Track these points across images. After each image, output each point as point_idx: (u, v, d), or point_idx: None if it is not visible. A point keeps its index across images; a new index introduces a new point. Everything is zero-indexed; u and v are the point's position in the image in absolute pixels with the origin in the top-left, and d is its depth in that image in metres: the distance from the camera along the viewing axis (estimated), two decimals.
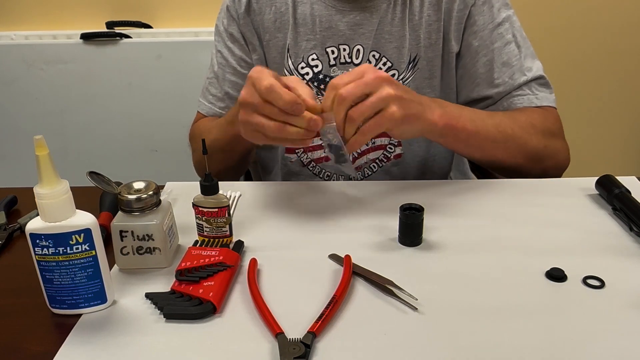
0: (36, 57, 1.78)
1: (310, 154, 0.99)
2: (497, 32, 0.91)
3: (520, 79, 0.90)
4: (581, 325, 0.55)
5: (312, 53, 0.93)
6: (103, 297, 0.58)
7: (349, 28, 0.91)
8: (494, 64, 0.91)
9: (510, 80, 0.90)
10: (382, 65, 0.93)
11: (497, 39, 0.91)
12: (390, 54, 0.92)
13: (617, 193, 0.75)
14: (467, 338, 0.53)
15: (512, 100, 0.91)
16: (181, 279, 0.60)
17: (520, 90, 0.91)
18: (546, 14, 1.79)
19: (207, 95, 1.04)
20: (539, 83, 0.92)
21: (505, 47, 0.91)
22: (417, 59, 0.93)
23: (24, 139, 1.87)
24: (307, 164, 1.00)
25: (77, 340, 0.54)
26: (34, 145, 0.50)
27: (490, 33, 0.91)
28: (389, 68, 0.93)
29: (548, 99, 0.92)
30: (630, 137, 2.01)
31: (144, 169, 1.88)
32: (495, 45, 0.91)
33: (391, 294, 0.59)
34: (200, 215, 0.67)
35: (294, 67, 0.95)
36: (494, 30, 0.91)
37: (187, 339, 0.54)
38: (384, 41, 0.92)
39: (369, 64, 0.80)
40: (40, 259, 0.55)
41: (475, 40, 0.91)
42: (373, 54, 0.92)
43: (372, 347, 0.52)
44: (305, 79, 0.95)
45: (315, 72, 0.94)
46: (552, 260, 0.64)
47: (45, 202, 0.52)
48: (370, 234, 0.71)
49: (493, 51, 0.91)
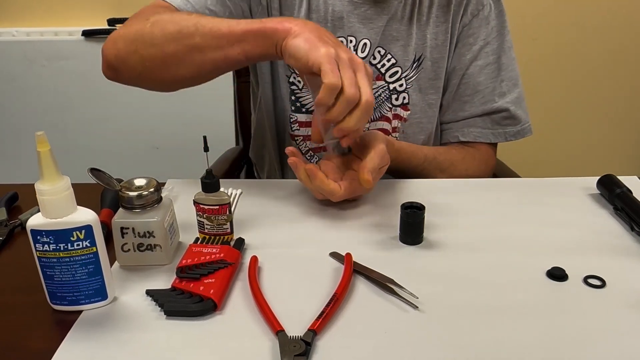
0: (37, 53, 1.78)
1: (309, 142, 0.99)
2: (483, 51, 0.93)
3: (486, 105, 0.94)
4: (582, 324, 0.55)
5: None
6: (104, 294, 0.58)
7: (359, 21, 0.91)
8: (470, 83, 0.94)
9: (478, 106, 0.95)
10: (386, 61, 0.93)
11: (481, 57, 0.94)
12: (396, 52, 0.92)
13: (618, 193, 0.74)
14: (467, 337, 0.53)
15: (469, 130, 0.96)
16: (182, 276, 0.60)
17: (480, 120, 0.95)
18: (551, 14, 1.79)
19: None
20: (501, 117, 0.95)
21: (485, 67, 0.94)
22: (422, 58, 0.93)
23: (25, 135, 1.87)
24: (305, 153, 1.00)
25: (77, 337, 0.54)
26: (35, 142, 0.50)
27: (479, 50, 0.93)
28: (392, 65, 0.93)
29: (497, 136, 0.96)
30: (632, 136, 2.01)
31: (144, 166, 1.88)
32: (478, 63, 0.94)
33: (392, 292, 0.59)
34: (201, 212, 0.67)
35: None
36: (482, 49, 0.93)
37: (188, 336, 0.54)
38: (391, 38, 0.92)
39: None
40: (41, 256, 0.54)
41: (468, 53, 0.94)
42: (378, 49, 0.92)
43: (372, 345, 0.52)
44: None
45: None
46: (553, 259, 0.64)
47: (47, 198, 0.52)
48: (371, 232, 0.71)
49: (475, 67, 0.94)
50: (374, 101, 0.66)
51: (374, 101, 0.65)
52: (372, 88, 0.66)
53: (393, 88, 0.95)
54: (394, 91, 0.95)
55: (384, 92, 0.95)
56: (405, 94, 0.96)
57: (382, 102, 0.96)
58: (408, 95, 0.96)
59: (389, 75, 0.94)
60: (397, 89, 0.95)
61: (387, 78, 0.94)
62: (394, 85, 0.95)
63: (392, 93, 0.95)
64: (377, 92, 0.95)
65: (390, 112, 0.97)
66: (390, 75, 0.94)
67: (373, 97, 0.65)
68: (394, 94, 0.96)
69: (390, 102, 0.96)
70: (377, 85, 0.95)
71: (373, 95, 0.66)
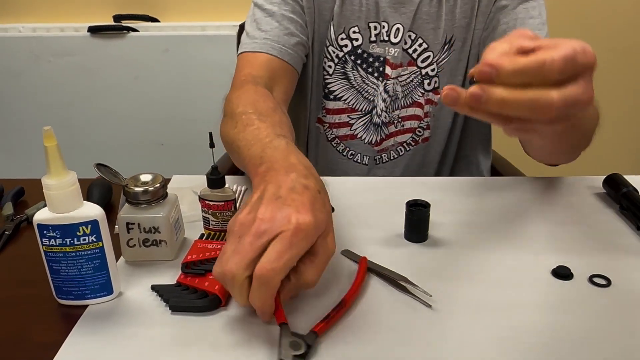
0: (44, 49, 1.79)
1: (336, 130, 1.00)
2: (522, 7, 0.88)
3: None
4: (587, 323, 0.54)
5: (354, 25, 0.92)
6: (109, 289, 0.58)
7: (390, 6, 0.91)
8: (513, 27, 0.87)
9: None
10: (417, 46, 0.93)
11: (521, 12, 0.88)
12: (427, 35, 0.92)
13: (624, 192, 0.74)
14: (472, 334, 0.53)
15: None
16: (187, 272, 0.60)
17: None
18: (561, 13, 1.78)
19: (254, 31, 0.89)
20: None
21: (528, 19, 0.88)
22: (453, 40, 0.92)
23: (31, 131, 1.88)
24: (332, 140, 1.01)
25: (83, 331, 0.55)
26: (41, 137, 0.50)
27: (516, 7, 0.88)
28: (424, 50, 0.93)
29: None
30: (639, 135, 2.00)
31: (150, 162, 1.89)
32: (519, 16, 0.88)
33: (404, 290, 0.59)
34: (207, 208, 0.67)
35: (335, 37, 0.94)
36: (519, 5, 0.88)
37: (193, 331, 0.54)
38: (421, 22, 0.91)
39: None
40: (47, 250, 0.55)
41: (503, 17, 0.89)
42: (409, 34, 0.92)
43: (378, 344, 0.52)
44: (343, 52, 0.95)
45: (354, 46, 0.94)
46: (558, 258, 0.64)
47: (53, 193, 0.52)
48: (376, 229, 0.71)
49: (516, 20, 0.88)
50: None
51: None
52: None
53: (425, 73, 0.95)
54: (425, 76, 0.95)
55: (417, 78, 0.95)
56: (436, 78, 0.95)
57: (414, 88, 0.96)
58: (439, 79, 0.95)
59: (421, 60, 0.94)
60: (429, 74, 0.95)
61: (419, 63, 0.94)
62: (425, 70, 0.95)
63: (424, 78, 0.95)
64: (409, 78, 0.95)
65: (423, 98, 0.97)
66: (422, 60, 0.94)
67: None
68: (426, 79, 0.95)
69: (423, 88, 0.96)
70: (408, 70, 0.95)
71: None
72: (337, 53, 0.95)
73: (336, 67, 0.96)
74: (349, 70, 0.96)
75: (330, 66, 0.96)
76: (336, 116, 1.00)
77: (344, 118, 0.99)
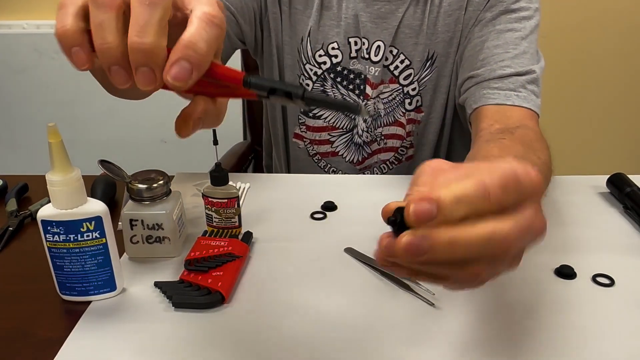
0: (48, 46, 1.79)
1: (317, 147, 0.97)
2: (505, 17, 0.81)
3: (505, 70, 0.79)
4: (590, 323, 0.54)
5: (333, 41, 0.88)
6: (112, 285, 0.58)
7: (371, 20, 0.85)
8: (485, 45, 0.81)
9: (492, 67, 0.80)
10: (399, 63, 0.88)
11: (501, 23, 0.81)
12: (409, 51, 0.87)
13: (628, 191, 0.74)
14: (474, 333, 0.53)
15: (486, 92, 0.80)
16: (190, 269, 0.60)
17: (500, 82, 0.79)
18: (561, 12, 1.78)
19: None
20: (527, 80, 0.79)
21: (505, 33, 0.80)
22: (435, 56, 0.87)
23: (35, 127, 1.89)
24: (313, 156, 0.98)
25: (86, 327, 0.55)
26: (45, 133, 0.50)
27: (497, 17, 0.82)
28: (406, 67, 0.88)
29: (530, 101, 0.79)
30: None
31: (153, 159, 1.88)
32: (496, 27, 0.81)
33: (407, 288, 0.59)
34: (210, 205, 0.67)
35: (312, 53, 0.89)
36: (502, 15, 0.82)
37: (196, 328, 0.54)
38: (403, 36, 0.86)
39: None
40: (51, 246, 0.55)
41: (479, 30, 0.83)
42: (391, 49, 0.87)
43: (381, 342, 0.52)
44: (321, 69, 0.90)
45: (333, 63, 0.89)
46: (562, 257, 0.64)
47: (57, 189, 0.52)
48: (376, 227, 0.70)
49: (490, 33, 0.81)
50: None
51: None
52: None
53: (406, 92, 0.90)
54: (407, 95, 0.91)
55: (399, 95, 0.91)
56: (418, 97, 0.91)
57: (396, 106, 0.92)
58: (421, 98, 0.91)
59: (403, 77, 0.89)
60: (410, 93, 0.91)
61: (402, 80, 0.90)
62: (407, 89, 0.90)
63: (405, 97, 0.91)
64: (391, 95, 0.91)
65: (404, 117, 0.92)
66: (404, 78, 0.89)
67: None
68: (407, 98, 0.91)
69: (404, 107, 0.92)
70: (390, 88, 0.90)
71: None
72: (316, 70, 0.90)
73: (314, 85, 0.91)
74: (328, 88, 0.91)
75: (308, 84, 0.90)
76: (316, 133, 0.96)
77: (325, 136, 0.95)
